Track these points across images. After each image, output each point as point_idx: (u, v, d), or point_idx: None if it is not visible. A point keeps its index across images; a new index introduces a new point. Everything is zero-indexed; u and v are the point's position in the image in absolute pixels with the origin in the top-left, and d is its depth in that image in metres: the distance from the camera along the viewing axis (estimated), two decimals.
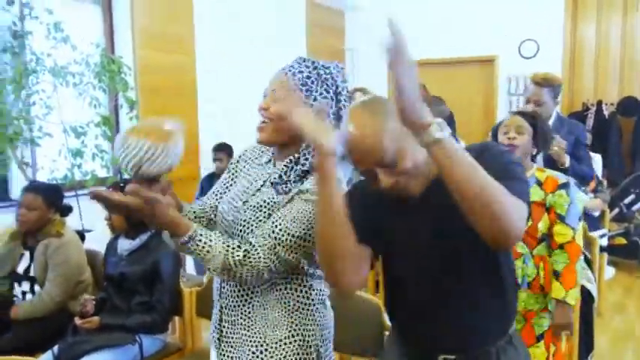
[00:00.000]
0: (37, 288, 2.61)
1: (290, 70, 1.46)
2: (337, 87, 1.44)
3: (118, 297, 2.45)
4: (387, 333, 1.97)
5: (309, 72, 1.44)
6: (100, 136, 4.58)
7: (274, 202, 1.41)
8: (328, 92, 1.42)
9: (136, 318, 2.38)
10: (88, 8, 5.30)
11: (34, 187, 2.81)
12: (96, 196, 1.23)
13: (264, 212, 1.40)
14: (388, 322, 2.05)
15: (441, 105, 3.45)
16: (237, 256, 1.31)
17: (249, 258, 1.32)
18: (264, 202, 1.41)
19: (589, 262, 2.94)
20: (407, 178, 1.24)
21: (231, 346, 1.47)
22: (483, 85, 7.67)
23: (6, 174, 4.43)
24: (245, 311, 1.45)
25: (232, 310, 1.47)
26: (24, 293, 2.62)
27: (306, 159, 1.42)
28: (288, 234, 1.34)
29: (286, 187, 1.42)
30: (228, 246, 1.32)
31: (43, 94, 4.26)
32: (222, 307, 1.50)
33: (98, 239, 3.71)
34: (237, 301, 1.46)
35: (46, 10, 4.27)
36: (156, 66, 5.57)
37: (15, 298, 2.63)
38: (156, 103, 5.48)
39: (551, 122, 3.11)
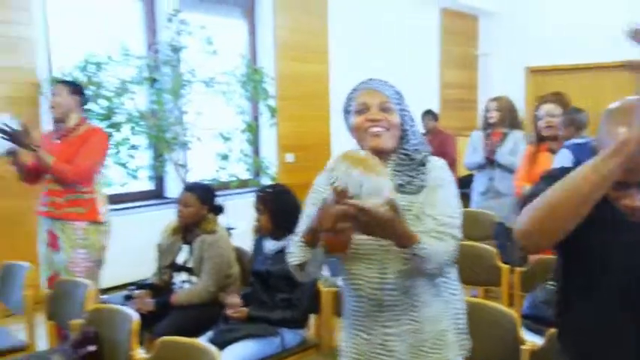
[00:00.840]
0: (193, 278, 2.90)
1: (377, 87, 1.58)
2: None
3: (264, 292, 2.65)
4: (522, 347, 1.96)
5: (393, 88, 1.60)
6: (244, 142, 4.94)
7: (413, 203, 1.50)
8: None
9: (279, 313, 2.57)
10: (235, 23, 5.73)
11: (191, 186, 3.12)
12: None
13: (411, 216, 1.48)
14: (525, 337, 2.05)
15: (579, 113, 3.33)
16: (450, 250, 1.46)
17: (452, 247, 1.47)
18: (403, 208, 1.46)
19: None
20: None
21: (400, 353, 1.54)
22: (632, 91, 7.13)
23: (163, 174, 4.93)
24: (412, 316, 1.53)
25: (397, 321, 1.53)
26: (182, 282, 2.93)
27: (415, 150, 1.56)
28: (453, 217, 1.49)
29: (412, 185, 1.53)
30: (440, 244, 1.44)
31: (195, 102, 4.69)
32: (385, 322, 1.54)
33: (239, 237, 4.03)
34: (402, 309, 1.53)
35: (200, 26, 4.69)
36: (293, 75, 5.88)
37: (174, 286, 2.95)
38: (292, 111, 5.78)
39: None
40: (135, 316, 2.07)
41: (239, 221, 4.32)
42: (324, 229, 1.35)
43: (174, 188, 5.07)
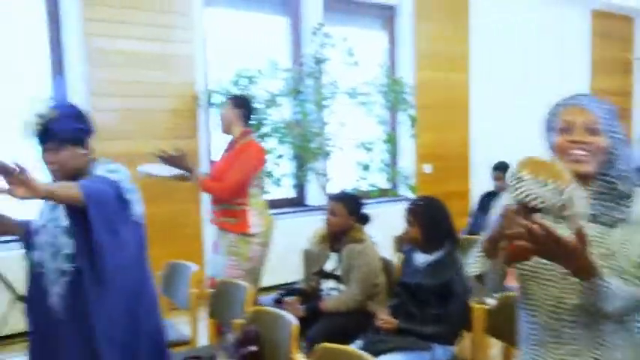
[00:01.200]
0: (341, 286, 2.95)
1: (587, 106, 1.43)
2: None
3: (412, 305, 2.63)
4: None
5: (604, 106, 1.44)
6: (384, 152, 4.95)
7: (606, 237, 1.38)
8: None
9: (431, 328, 2.53)
10: (376, 34, 5.78)
11: (339, 196, 3.18)
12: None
13: (602, 250, 1.37)
14: None
15: None
16: (638, 295, 1.33)
17: None
18: (595, 237, 1.37)
19: None
20: None
21: None
22: None
23: (305, 183, 5.09)
24: (596, 354, 1.41)
25: (577, 357, 1.42)
26: (330, 289, 2.99)
27: (621, 178, 1.41)
28: None
29: (609, 216, 1.39)
30: (627, 286, 1.33)
31: (337, 113, 4.79)
32: (563, 356, 1.44)
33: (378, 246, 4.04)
34: (582, 345, 1.42)
35: (342, 38, 4.79)
36: (432, 84, 5.80)
37: (322, 293, 3.02)
38: (430, 120, 5.70)
39: None
40: (294, 321, 2.15)
41: (378, 231, 4.32)
42: (507, 236, 1.24)
43: (315, 196, 5.21)
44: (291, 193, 5.28)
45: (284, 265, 4.79)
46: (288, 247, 4.75)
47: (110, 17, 4.14)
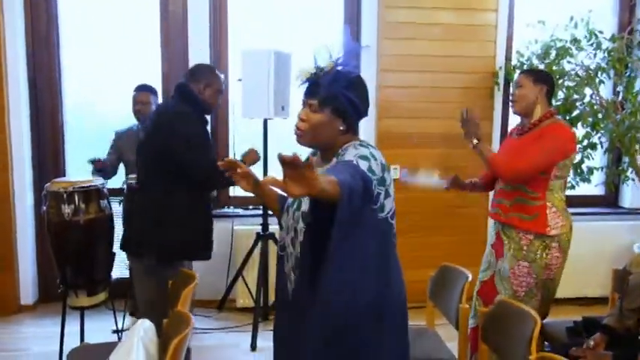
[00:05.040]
0: None
1: None
2: None
3: None
4: None
5: None
6: None
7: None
8: None
9: None
10: None
11: None
12: None
13: None
14: None
15: None
16: None
17: None
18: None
19: None
20: None
21: None
22: None
23: (620, 180, 4.14)
24: None
25: None
26: None
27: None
28: None
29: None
30: None
31: None
32: None
33: None
34: None
35: None
36: None
37: None
38: None
39: None
40: None
41: None
42: None
43: (632, 197, 4.24)
44: (602, 191, 4.37)
45: (586, 274, 4.00)
46: (593, 253, 4.02)
47: None
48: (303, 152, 1.68)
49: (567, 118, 3.68)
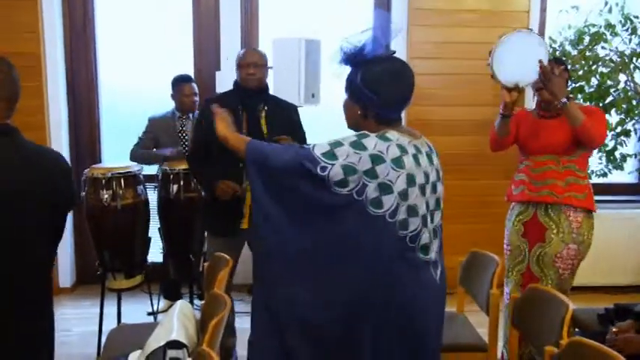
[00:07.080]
0: None
1: None
2: None
3: None
4: None
5: None
6: None
7: None
8: None
9: None
10: None
11: None
12: None
13: None
14: None
15: None
16: None
17: None
18: None
19: None
20: None
21: None
22: None
23: None
24: None
25: None
26: None
27: None
28: None
29: None
30: None
31: None
32: None
33: None
34: None
35: None
36: None
37: None
38: None
39: None
40: None
41: None
42: None
43: None
44: (635, 179, 4.31)
45: (617, 263, 3.98)
46: (621, 241, 4.00)
47: None
48: None
49: (601, 104, 3.63)
